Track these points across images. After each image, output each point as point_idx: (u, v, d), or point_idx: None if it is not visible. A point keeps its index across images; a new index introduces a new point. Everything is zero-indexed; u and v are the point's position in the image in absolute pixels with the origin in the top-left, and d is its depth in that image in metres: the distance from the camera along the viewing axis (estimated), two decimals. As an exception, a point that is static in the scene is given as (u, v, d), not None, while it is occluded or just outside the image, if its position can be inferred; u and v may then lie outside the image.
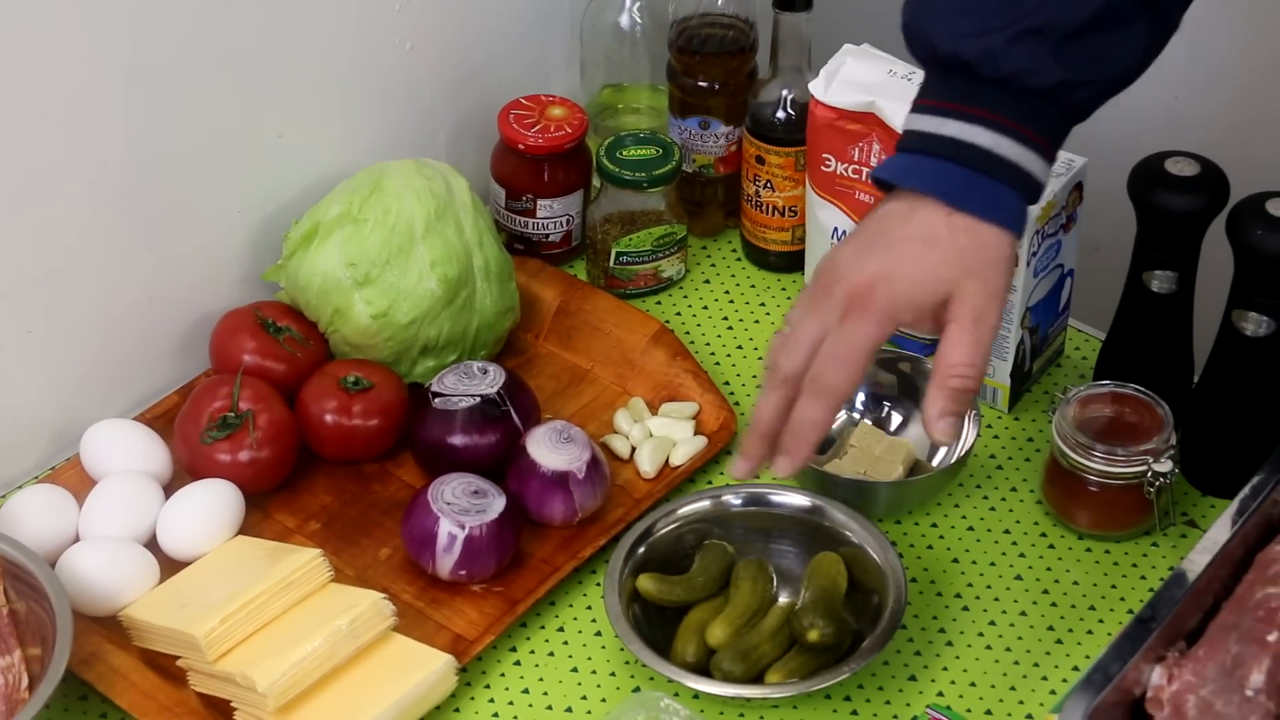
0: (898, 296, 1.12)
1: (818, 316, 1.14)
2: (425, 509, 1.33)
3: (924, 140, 1.14)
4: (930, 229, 1.12)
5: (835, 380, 1.12)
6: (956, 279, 1.12)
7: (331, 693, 1.24)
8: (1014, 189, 1.13)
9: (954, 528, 1.41)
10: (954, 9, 1.14)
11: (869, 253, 1.14)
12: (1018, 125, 1.13)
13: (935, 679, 1.29)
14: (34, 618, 1.25)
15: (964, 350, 1.12)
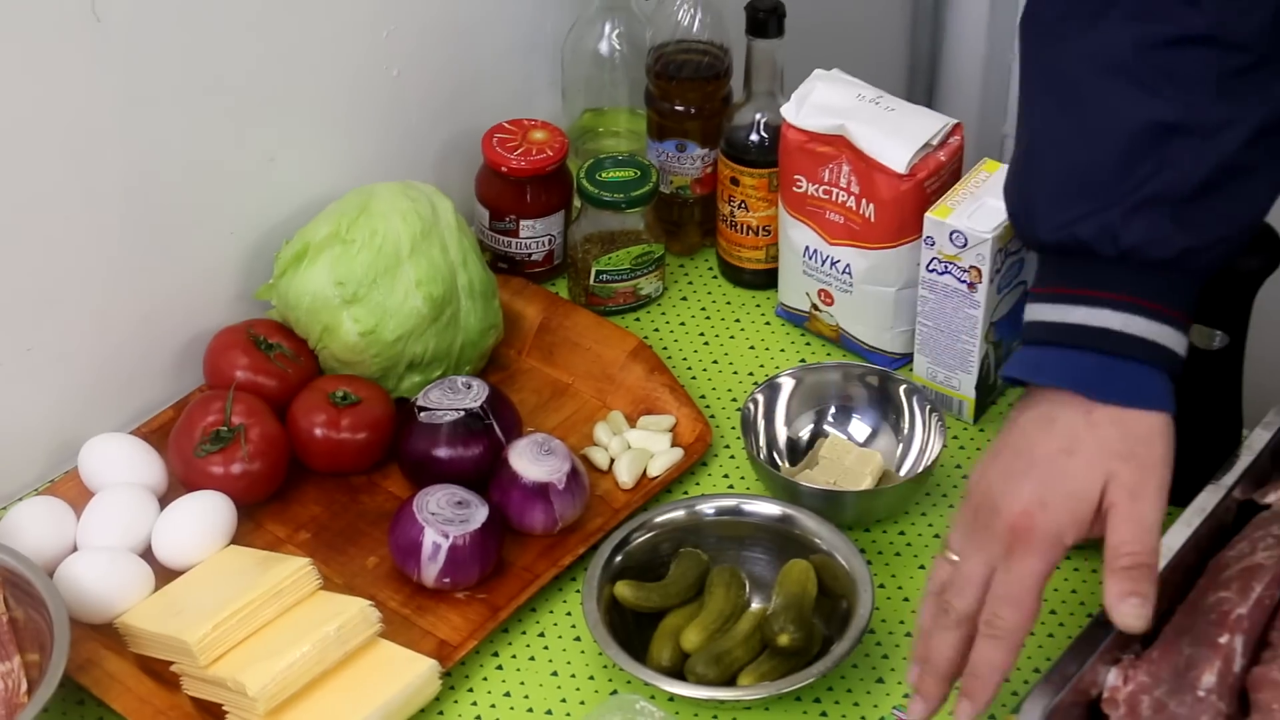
0: (1057, 522, 1.08)
1: (982, 552, 1.10)
2: (411, 519, 1.34)
3: (1050, 331, 1.10)
4: (1071, 435, 1.08)
5: (1012, 621, 1.08)
6: (1106, 477, 1.08)
7: (320, 696, 1.24)
8: (1153, 367, 1.09)
9: (921, 535, 1.41)
10: (1064, 190, 1.09)
11: (1019, 479, 1.09)
12: (1146, 301, 1.08)
13: (902, 681, 1.29)
14: (32, 625, 1.26)
15: (1126, 530, 1.08)
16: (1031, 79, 1.14)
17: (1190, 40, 1.05)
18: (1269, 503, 1.30)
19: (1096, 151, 1.07)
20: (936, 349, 1.49)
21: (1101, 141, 1.07)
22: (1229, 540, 1.28)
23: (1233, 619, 1.20)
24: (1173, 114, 1.05)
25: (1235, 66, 1.05)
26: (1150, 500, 1.08)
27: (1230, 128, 1.06)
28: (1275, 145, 1.08)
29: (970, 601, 1.10)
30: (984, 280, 1.43)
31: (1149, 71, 1.06)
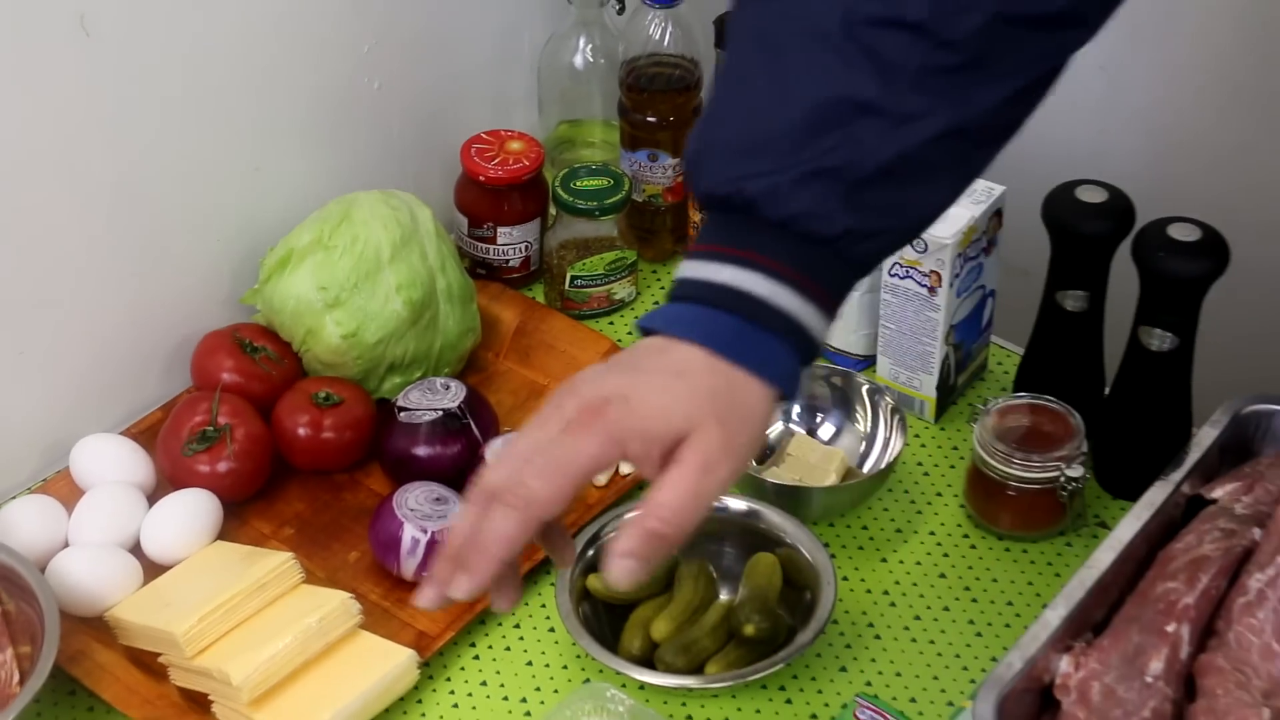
0: (629, 417, 0.93)
1: (539, 430, 0.95)
2: (391, 515, 1.34)
3: (695, 288, 0.98)
4: (685, 363, 0.95)
5: (535, 489, 0.93)
6: (698, 419, 0.94)
7: (302, 686, 1.24)
8: (787, 343, 0.97)
9: (883, 530, 1.42)
10: (742, 145, 0.99)
11: (611, 373, 0.97)
12: (797, 274, 0.97)
13: (864, 669, 1.30)
14: (24, 618, 1.26)
15: (677, 495, 0.93)
16: (737, 30, 1.04)
17: (900, 25, 0.96)
18: (1216, 497, 1.30)
19: (782, 114, 0.98)
20: (898, 351, 1.50)
21: (789, 105, 0.97)
22: (1177, 533, 1.28)
23: (1180, 608, 1.20)
24: (866, 92, 0.96)
25: (940, 63, 0.97)
26: (716, 480, 0.94)
27: (921, 120, 0.97)
28: (960, 149, 1.00)
29: (503, 474, 0.94)
30: (944, 284, 1.44)
31: (852, 46, 0.97)
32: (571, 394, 0.96)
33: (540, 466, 0.93)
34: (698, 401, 0.94)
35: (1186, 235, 1.33)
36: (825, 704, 1.27)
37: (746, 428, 0.96)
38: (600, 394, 0.94)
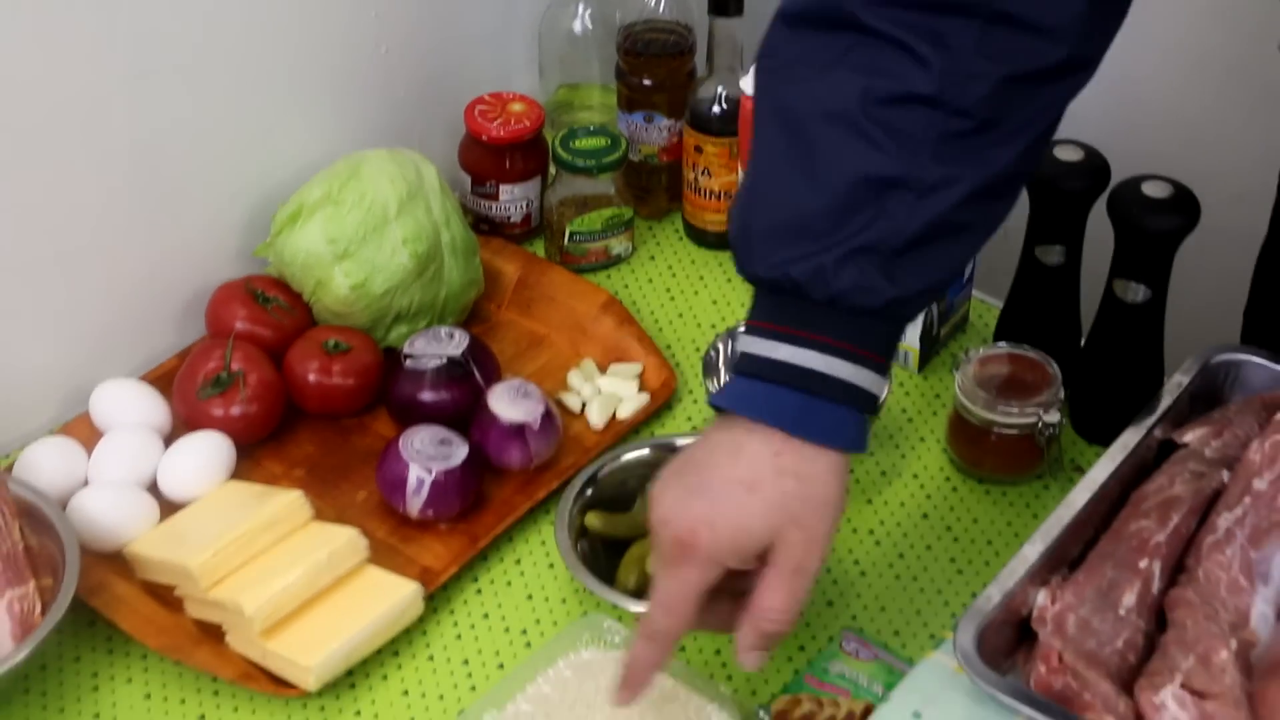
0: (720, 544, 1.03)
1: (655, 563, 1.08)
2: (397, 456, 1.35)
3: (758, 365, 1.04)
4: (755, 471, 1.03)
5: (664, 625, 1.06)
6: (780, 527, 1.03)
7: (312, 617, 1.25)
8: (851, 408, 1.04)
9: (869, 473, 1.43)
10: (782, 229, 1.03)
11: (694, 497, 1.04)
12: (850, 346, 1.02)
13: (850, 605, 1.31)
14: (46, 552, 1.26)
15: (780, 598, 1.04)
16: (762, 113, 1.08)
17: (915, 99, 1.00)
18: (1186, 441, 1.31)
19: (816, 196, 1.01)
20: (884, 303, 1.50)
21: (821, 187, 1.01)
22: (1149, 475, 1.29)
23: (1152, 545, 1.21)
24: (891, 169, 1.00)
25: (955, 130, 1.01)
26: (809, 575, 1.05)
27: (946, 187, 1.01)
28: (985, 206, 1.05)
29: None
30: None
31: (872, 125, 1.01)
32: (663, 523, 1.05)
33: (661, 604, 1.05)
34: (774, 513, 1.03)
35: (1159, 192, 1.34)
36: (813, 637, 1.28)
37: (823, 519, 1.04)
38: (689, 524, 1.03)
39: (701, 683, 1.17)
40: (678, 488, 1.05)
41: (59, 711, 1.23)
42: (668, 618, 1.05)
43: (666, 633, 1.06)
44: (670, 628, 1.06)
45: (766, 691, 1.24)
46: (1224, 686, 1.10)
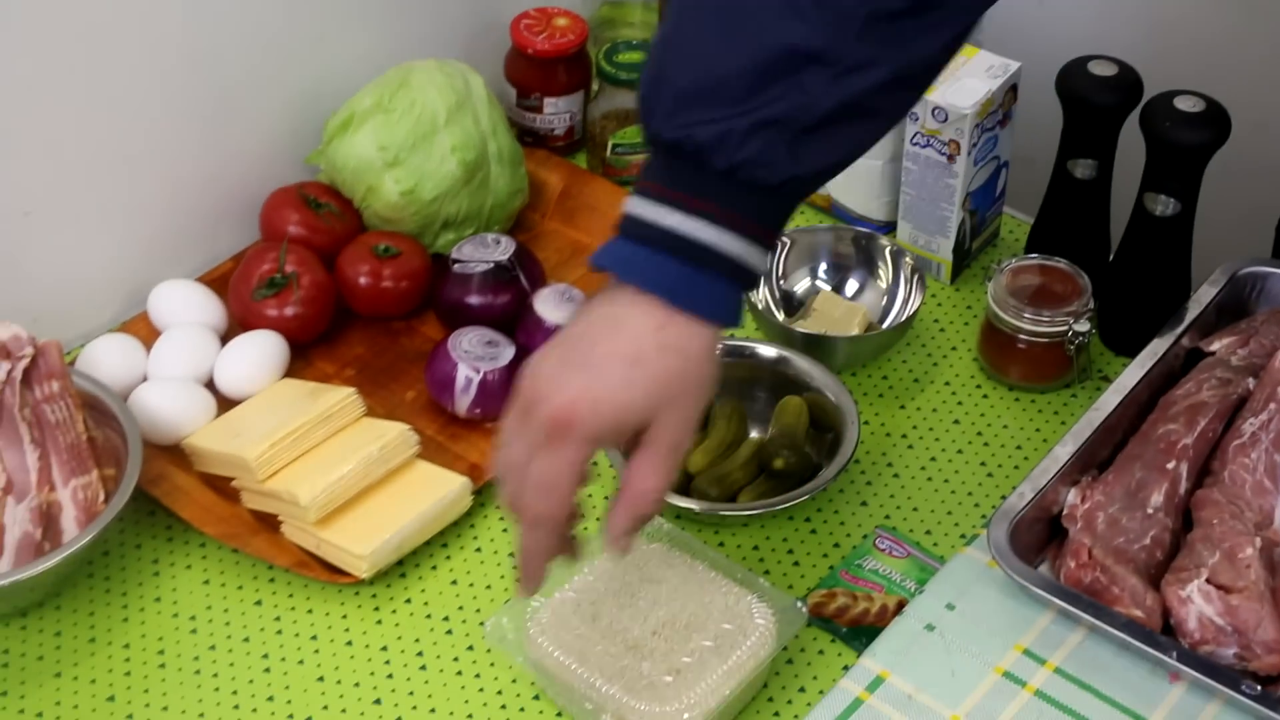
0: (599, 419, 0.97)
1: (523, 439, 0.99)
2: (445, 356, 1.35)
3: (643, 229, 0.97)
4: (638, 345, 0.96)
5: (544, 509, 0.99)
6: (660, 405, 0.97)
7: (364, 508, 1.26)
8: (733, 282, 0.98)
9: (901, 379, 1.43)
10: (694, 91, 0.95)
11: (573, 371, 0.97)
12: (741, 219, 0.97)
13: (884, 504, 1.31)
14: (109, 444, 1.28)
15: (657, 478, 1.00)
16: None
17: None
18: (1213, 350, 1.32)
19: (734, 60, 0.95)
20: (918, 216, 1.50)
21: (741, 51, 0.95)
22: (1177, 382, 1.29)
23: (1179, 448, 1.22)
24: (815, 42, 0.94)
25: (886, 9, 0.94)
26: (682, 453, 1.00)
27: (865, 69, 0.95)
28: (898, 94, 0.99)
29: (514, 488, 1.00)
30: (962, 153, 1.44)
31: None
32: (538, 398, 0.98)
33: (538, 486, 0.98)
34: (656, 389, 0.97)
35: (1191, 106, 1.34)
36: (847, 534, 1.29)
37: (697, 399, 0.99)
38: (566, 400, 0.96)
39: (741, 575, 1.17)
40: (555, 361, 0.99)
41: (121, 595, 1.25)
42: (549, 500, 0.99)
43: (551, 516, 1.00)
44: (553, 510, 0.99)
45: (803, 586, 1.24)
46: (1248, 581, 1.11)
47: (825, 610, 1.21)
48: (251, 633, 1.22)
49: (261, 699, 1.17)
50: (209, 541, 1.28)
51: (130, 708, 1.17)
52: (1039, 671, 1.10)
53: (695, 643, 1.13)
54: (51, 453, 1.25)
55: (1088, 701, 1.08)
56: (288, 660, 1.20)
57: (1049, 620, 1.14)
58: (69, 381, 1.27)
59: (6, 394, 1.25)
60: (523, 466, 0.99)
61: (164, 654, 1.20)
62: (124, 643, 1.21)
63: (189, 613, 1.23)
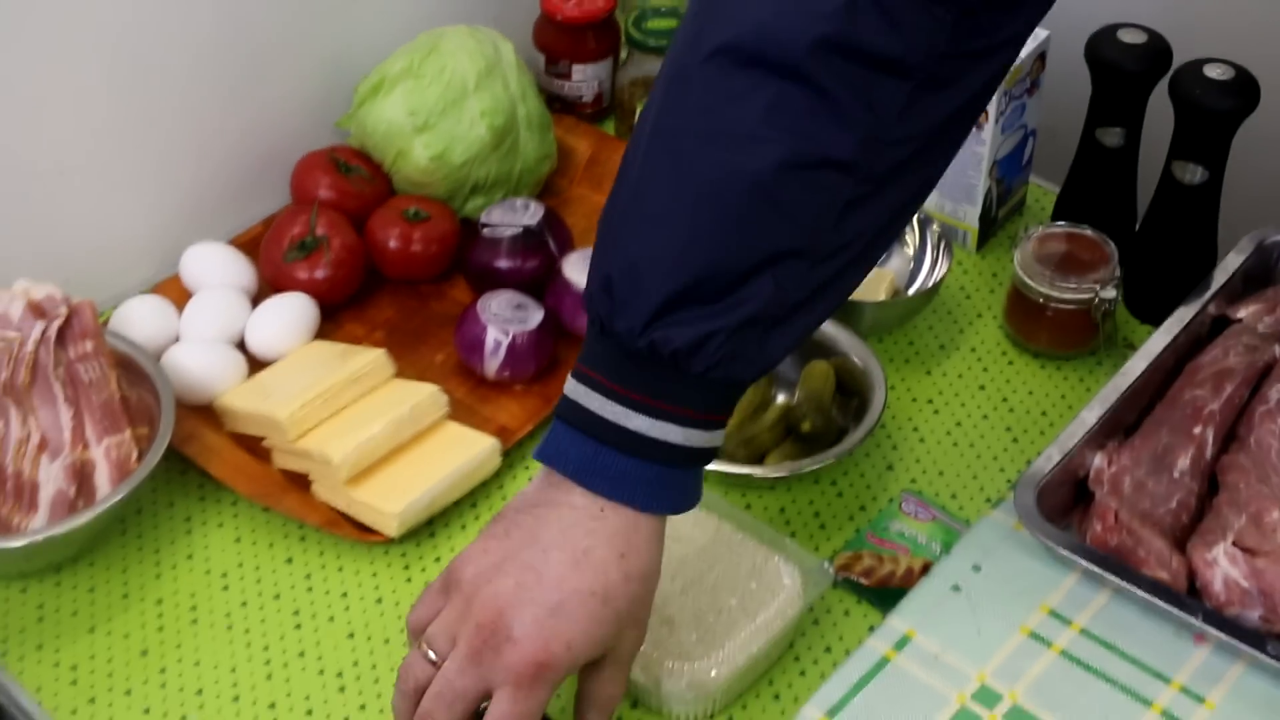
0: (573, 660, 0.95)
1: (482, 671, 0.95)
2: (475, 319, 1.35)
3: (604, 429, 0.94)
4: (605, 581, 0.95)
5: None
6: (623, 629, 0.98)
7: (394, 467, 1.26)
8: (698, 470, 0.98)
9: (927, 345, 1.43)
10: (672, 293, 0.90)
11: (540, 610, 0.94)
12: (708, 415, 0.95)
13: (909, 468, 1.31)
14: (142, 403, 1.28)
15: (619, 686, 1.01)
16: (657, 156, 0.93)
17: (833, 165, 0.91)
18: (1240, 317, 1.32)
19: (713, 259, 0.90)
20: (945, 184, 1.49)
21: (716, 247, 0.90)
22: (1204, 348, 1.29)
23: (1206, 413, 1.22)
24: (796, 243, 0.91)
25: (858, 194, 0.92)
26: (633, 659, 1.01)
27: (839, 254, 0.93)
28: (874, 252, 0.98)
29: (457, 717, 0.96)
30: (990, 121, 1.43)
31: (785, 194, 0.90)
32: (507, 640, 0.94)
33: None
34: (623, 620, 0.97)
35: (1221, 74, 1.33)
36: (873, 498, 1.29)
37: (650, 604, 0.99)
38: (544, 646, 0.94)
39: (769, 536, 1.17)
40: (516, 588, 0.94)
41: (154, 552, 1.25)
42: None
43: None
44: None
45: (829, 548, 1.24)
46: (1275, 544, 1.11)
47: (851, 571, 1.21)
48: (282, 589, 1.22)
49: (292, 654, 1.17)
50: (240, 500, 1.28)
51: (163, 661, 1.17)
52: (1065, 632, 1.10)
53: (723, 602, 1.13)
54: (85, 411, 1.25)
55: (1113, 662, 1.08)
56: (318, 617, 1.20)
57: (1074, 582, 1.14)
58: (102, 341, 1.27)
59: (41, 353, 1.25)
60: (474, 699, 0.95)
61: (196, 609, 1.21)
62: (157, 598, 1.22)
63: (220, 569, 1.24)
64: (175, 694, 1.15)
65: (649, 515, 0.96)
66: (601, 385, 0.95)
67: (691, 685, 1.09)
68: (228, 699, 1.15)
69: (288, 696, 1.14)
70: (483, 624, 0.94)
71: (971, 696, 1.06)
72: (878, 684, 1.07)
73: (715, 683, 1.09)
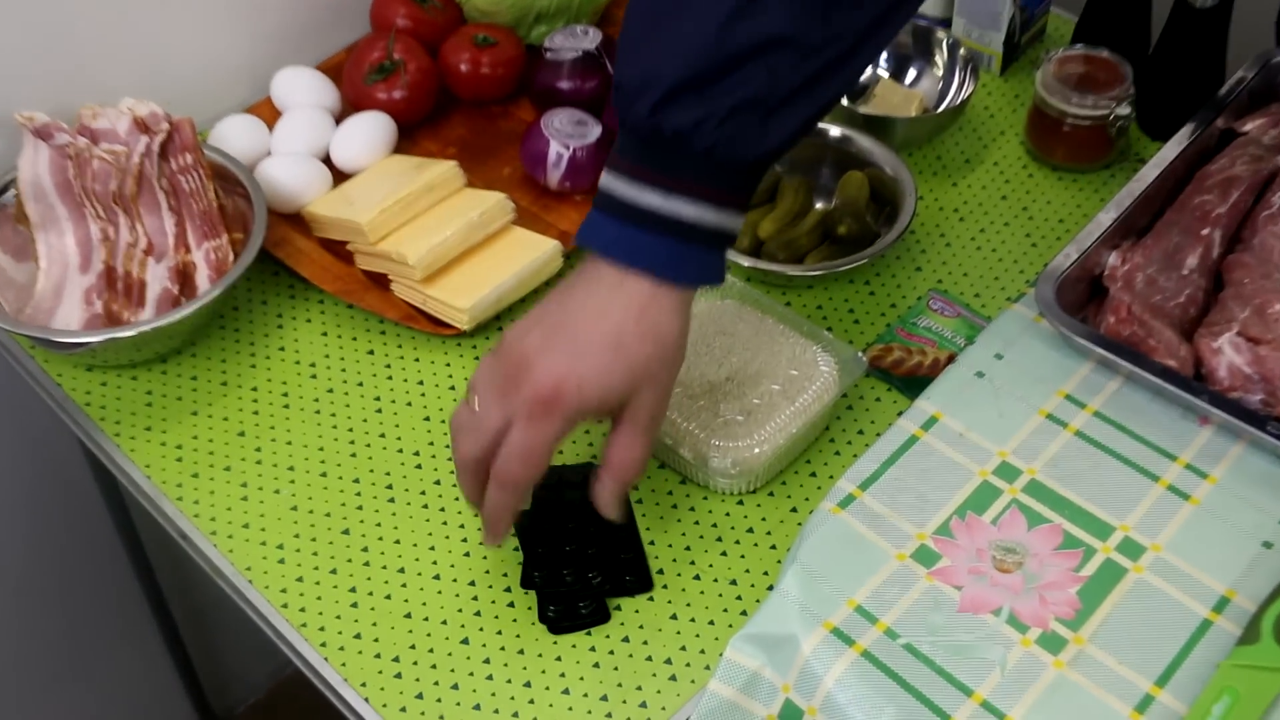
0: (582, 399, 0.92)
1: (502, 407, 0.93)
2: (539, 134, 1.29)
3: (624, 209, 0.92)
4: (620, 331, 0.92)
5: (520, 475, 0.94)
6: (639, 385, 0.94)
7: (466, 267, 1.22)
8: (714, 251, 0.93)
9: (954, 159, 1.36)
10: (670, 79, 0.88)
11: (559, 352, 0.92)
12: (720, 193, 0.91)
13: (936, 270, 1.26)
14: (237, 211, 1.24)
15: (637, 450, 0.96)
16: None
17: None
18: (1246, 130, 1.24)
19: (705, 47, 0.88)
20: (972, 10, 1.42)
21: (711, 38, 0.88)
22: (1212, 158, 1.22)
23: (1213, 216, 1.15)
24: (784, 29, 0.87)
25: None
26: (659, 424, 0.96)
27: (830, 45, 0.89)
28: (867, 48, 0.92)
29: (481, 448, 0.94)
30: (1015, -49, 1.35)
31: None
32: (524, 372, 0.92)
33: (519, 455, 0.93)
34: (636, 373, 0.93)
35: (1234, -100, 1.24)
36: (903, 296, 1.23)
37: (671, 373, 0.95)
38: (552, 381, 0.92)
39: (807, 328, 1.12)
40: (539, 336, 0.93)
41: (250, 344, 1.21)
42: (525, 468, 0.93)
43: (521, 483, 0.94)
44: (526, 478, 0.94)
45: (862, 341, 1.19)
46: (1277, 334, 1.05)
47: (882, 362, 1.17)
48: (365, 378, 1.19)
49: (374, 435, 1.14)
50: (326, 298, 1.25)
51: (258, 441, 1.14)
52: (1079, 414, 1.05)
53: (765, 387, 1.08)
54: (186, 218, 1.22)
55: (1124, 441, 1.03)
56: (397, 403, 1.17)
57: (1089, 370, 1.08)
58: (201, 154, 1.22)
59: (146, 165, 1.20)
60: (496, 432, 0.94)
61: (288, 396, 1.18)
62: (252, 386, 1.18)
63: (309, 360, 1.20)
64: (270, 470, 1.12)
65: (668, 287, 0.92)
66: (623, 171, 0.92)
67: (736, 462, 1.05)
68: (316, 474, 1.12)
69: (370, 473, 1.12)
70: (510, 368, 0.93)
71: (993, 471, 1.02)
72: (907, 459, 1.03)
73: (758, 460, 1.05)
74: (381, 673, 1.00)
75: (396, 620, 1.02)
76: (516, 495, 0.95)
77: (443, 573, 1.05)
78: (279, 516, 1.09)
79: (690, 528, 1.07)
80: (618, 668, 0.99)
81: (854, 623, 0.93)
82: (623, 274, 0.92)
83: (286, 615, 1.03)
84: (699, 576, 1.04)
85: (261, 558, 1.06)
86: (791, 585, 0.95)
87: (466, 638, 1.01)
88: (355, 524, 1.08)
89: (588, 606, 1.01)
